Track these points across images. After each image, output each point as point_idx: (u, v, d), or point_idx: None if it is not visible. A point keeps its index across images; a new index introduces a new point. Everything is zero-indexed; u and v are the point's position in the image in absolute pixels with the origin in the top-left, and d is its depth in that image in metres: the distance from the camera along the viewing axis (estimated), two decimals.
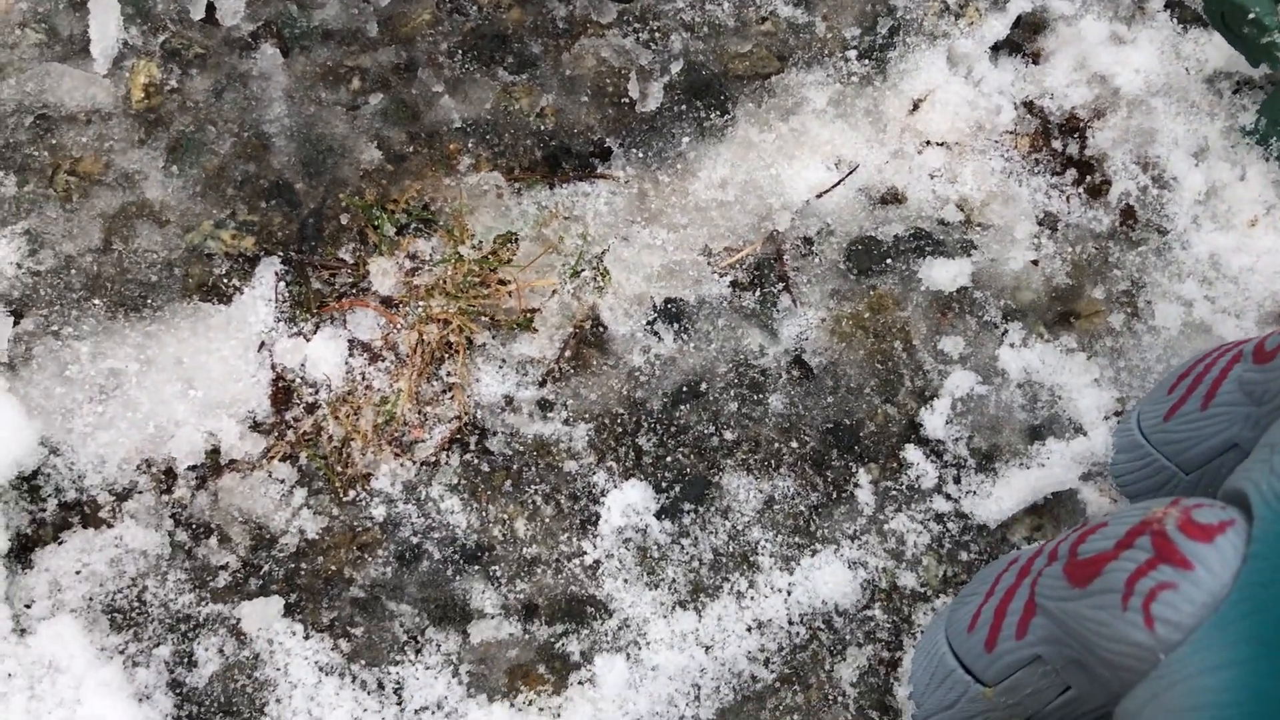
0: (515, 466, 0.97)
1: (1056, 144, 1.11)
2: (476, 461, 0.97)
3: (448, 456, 0.97)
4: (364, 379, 0.98)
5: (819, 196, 1.07)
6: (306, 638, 0.91)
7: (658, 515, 0.96)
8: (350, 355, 0.99)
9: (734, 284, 1.04)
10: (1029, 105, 1.12)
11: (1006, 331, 1.03)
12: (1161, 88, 1.12)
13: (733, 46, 1.11)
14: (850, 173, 1.08)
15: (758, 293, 1.04)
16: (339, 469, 0.96)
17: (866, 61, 1.12)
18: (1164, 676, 0.64)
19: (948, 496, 0.97)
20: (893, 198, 1.08)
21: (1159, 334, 1.03)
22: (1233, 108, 1.12)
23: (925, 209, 1.08)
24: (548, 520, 0.96)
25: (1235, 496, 0.69)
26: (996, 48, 1.14)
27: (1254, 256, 1.06)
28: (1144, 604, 0.65)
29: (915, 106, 1.11)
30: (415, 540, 0.94)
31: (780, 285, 1.04)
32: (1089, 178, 1.09)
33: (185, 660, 0.90)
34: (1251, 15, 0.95)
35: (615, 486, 0.96)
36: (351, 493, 0.95)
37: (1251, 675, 0.58)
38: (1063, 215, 1.08)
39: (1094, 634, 0.69)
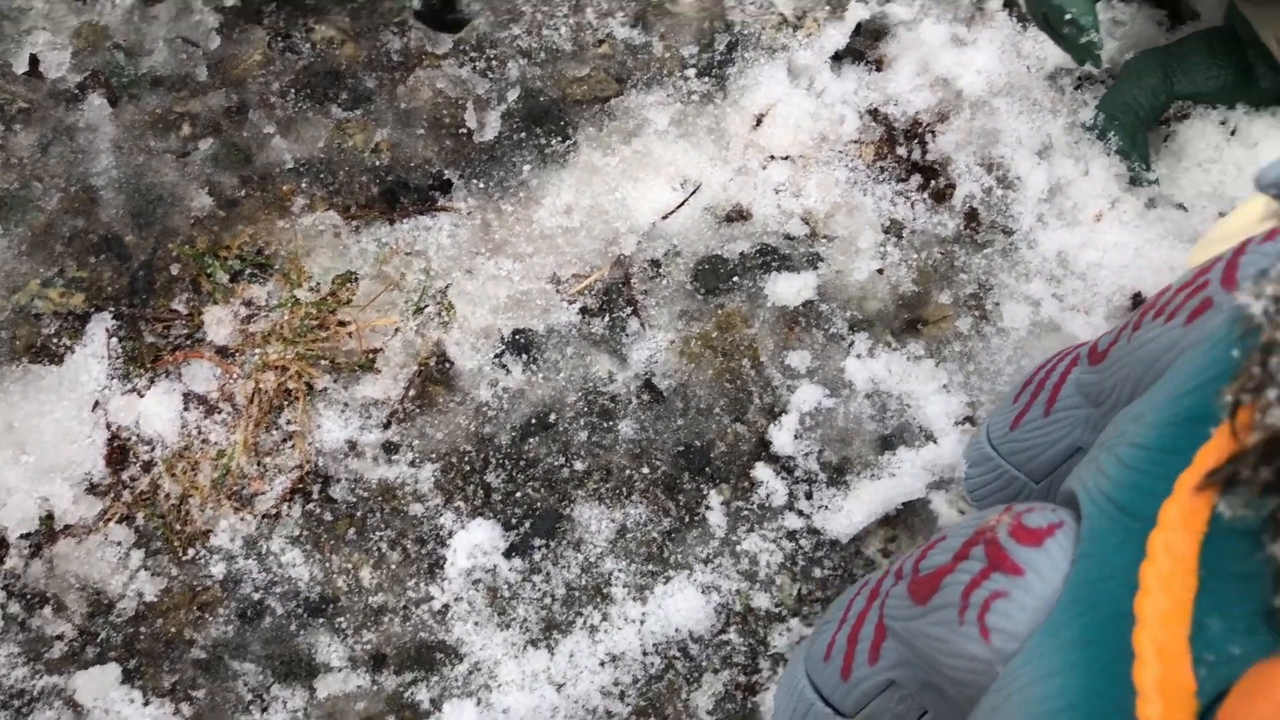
0: (359, 513, 0.95)
1: (901, 150, 1.10)
2: (319, 511, 0.95)
3: (289, 507, 0.95)
4: (200, 433, 0.96)
5: (665, 218, 1.07)
6: (146, 704, 0.89)
7: (507, 554, 0.94)
8: (186, 409, 0.97)
9: (583, 310, 1.03)
10: (873, 113, 1.12)
11: (853, 343, 1.02)
12: (1003, 88, 1.13)
13: (570, 71, 1.10)
14: (694, 192, 1.07)
15: (606, 318, 1.03)
16: (177, 527, 0.94)
17: (706, 79, 1.11)
18: (1002, 689, 0.63)
19: (800, 513, 0.97)
20: (738, 215, 1.07)
21: (1008, 335, 1.03)
22: (1074, 104, 1.12)
23: (771, 224, 1.07)
24: (394, 567, 0.94)
25: (1067, 498, 0.69)
26: (838, 57, 1.14)
27: (1101, 251, 1.07)
28: (979, 615, 0.65)
29: (758, 122, 1.11)
30: (257, 596, 0.92)
31: (629, 309, 1.03)
32: (933, 182, 1.09)
33: None
34: (1069, 16, 0.95)
35: (462, 527, 0.94)
36: (191, 551, 0.93)
37: (1083, 677, 0.57)
38: (908, 222, 1.07)
39: (936, 651, 0.69)
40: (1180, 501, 0.51)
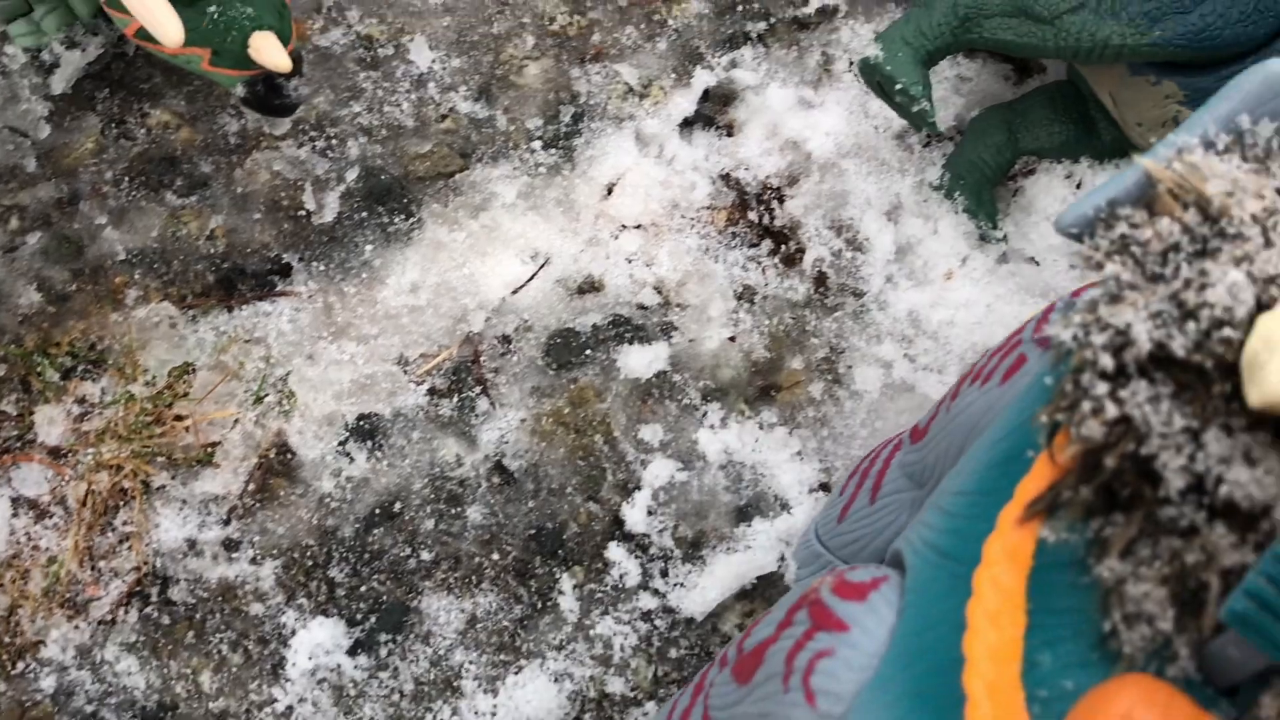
0: (199, 615, 0.92)
1: (753, 215, 1.10)
2: (157, 614, 0.92)
3: (126, 612, 0.92)
4: (30, 539, 0.93)
5: (515, 292, 1.05)
6: None
7: (351, 651, 0.92)
8: (15, 515, 0.93)
9: (431, 391, 1.01)
10: (725, 178, 1.12)
11: (706, 413, 1.01)
12: (852, 149, 1.13)
13: (413, 147, 1.08)
14: (544, 265, 1.06)
15: (455, 399, 1.01)
16: (6, 639, 0.90)
17: (553, 151, 1.10)
18: None
19: (655, 592, 0.95)
20: (590, 286, 1.06)
21: (861, 398, 1.03)
22: (923, 163, 1.12)
23: (623, 294, 1.06)
24: (235, 669, 0.91)
25: (893, 558, 0.68)
26: (687, 124, 1.13)
27: (952, 310, 1.07)
28: (803, 680, 0.63)
29: (608, 191, 1.10)
30: (91, 709, 0.89)
31: (478, 389, 1.02)
32: (784, 247, 1.09)
33: None
34: (899, 85, 0.96)
35: (304, 626, 0.92)
36: (20, 664, 0.90)
37: None
38: (760, 288, 1.07)
39: None
40: (1004, 536, 0.50)
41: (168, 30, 0.84)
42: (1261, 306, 0.44)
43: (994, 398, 0.65)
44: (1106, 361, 0.45)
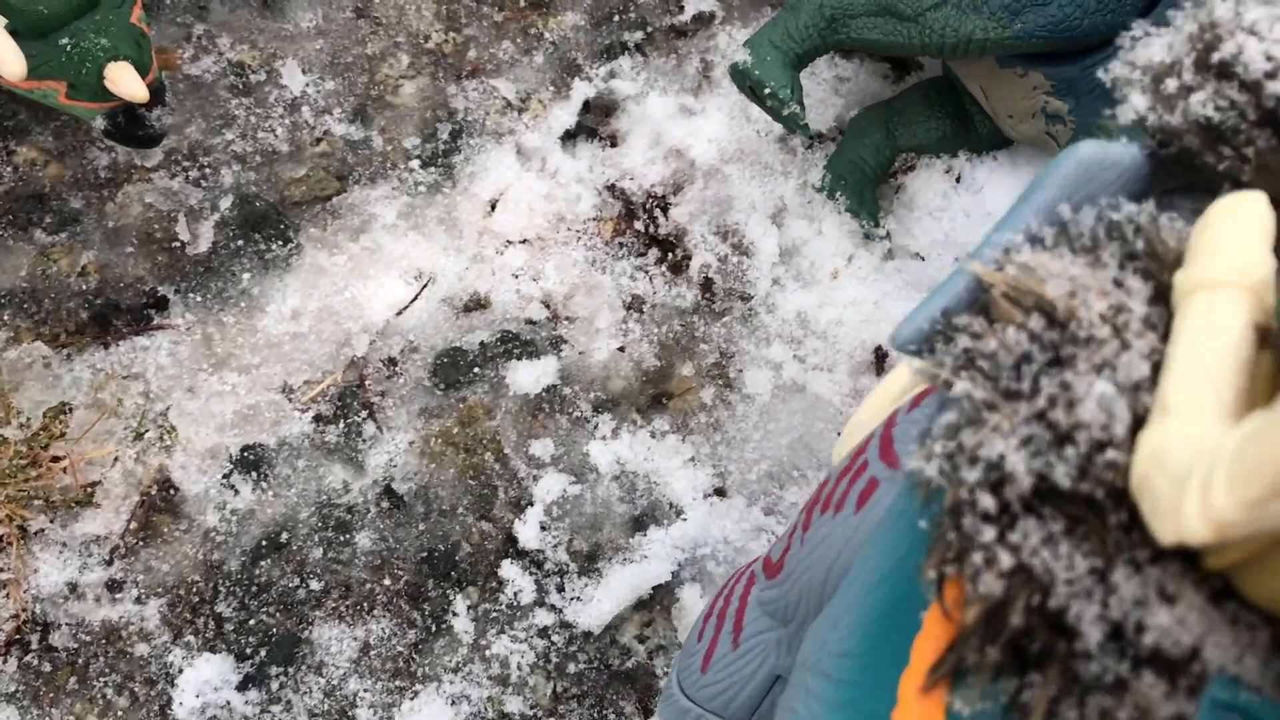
0: (82, 660, 0.90)
1: (639, 224, 1.10)
2: (38, 662, 0.89)
3: (4, 662, 0.89)
4: None
5: (399, 314, 1.04)
6: None
7: (241, 686, 0.90)
8: None
9: (317, 418, 1.00)
10: (610, 189, 1.11)
11: (598, 424, 1.01)
12: (735, 154, 1.13)
13: (288, 172, 1.07)
14: (427, 284, 1.05)
15: (341, 424, 1.00)
16: None
17: (433, 169, 1.09)
18: None
19: (551, 607, 0.94)
20: (476, 304, 1.05)
21: (753, 401, 1.03)
22: (806, 164, 1.13)
23: (510, 310, 1.05)
24: (121, 713, 0.89)
25: None
26: (569, 136, 1.13)
27: (839, 309, 1.07)
28: None
29: (491, 208, 1.09)
30: None
31: (364, 413, 1.00)
32: (670, 254, 1.08)
33: None
34: (768, 89, 0.96)
35: (190, 664, 0.90)
36: None
37: None
38: (648, 296, 1.07)
39: None
40: (908, 709, 0.46)
41: (8, 64, 0.82)
42: (1138, 419, 0.41)
43: (852, 527, 0.62)
44: (987, 502, 0.42)
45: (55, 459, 0.95)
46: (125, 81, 0.89)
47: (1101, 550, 0.40)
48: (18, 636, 0.90)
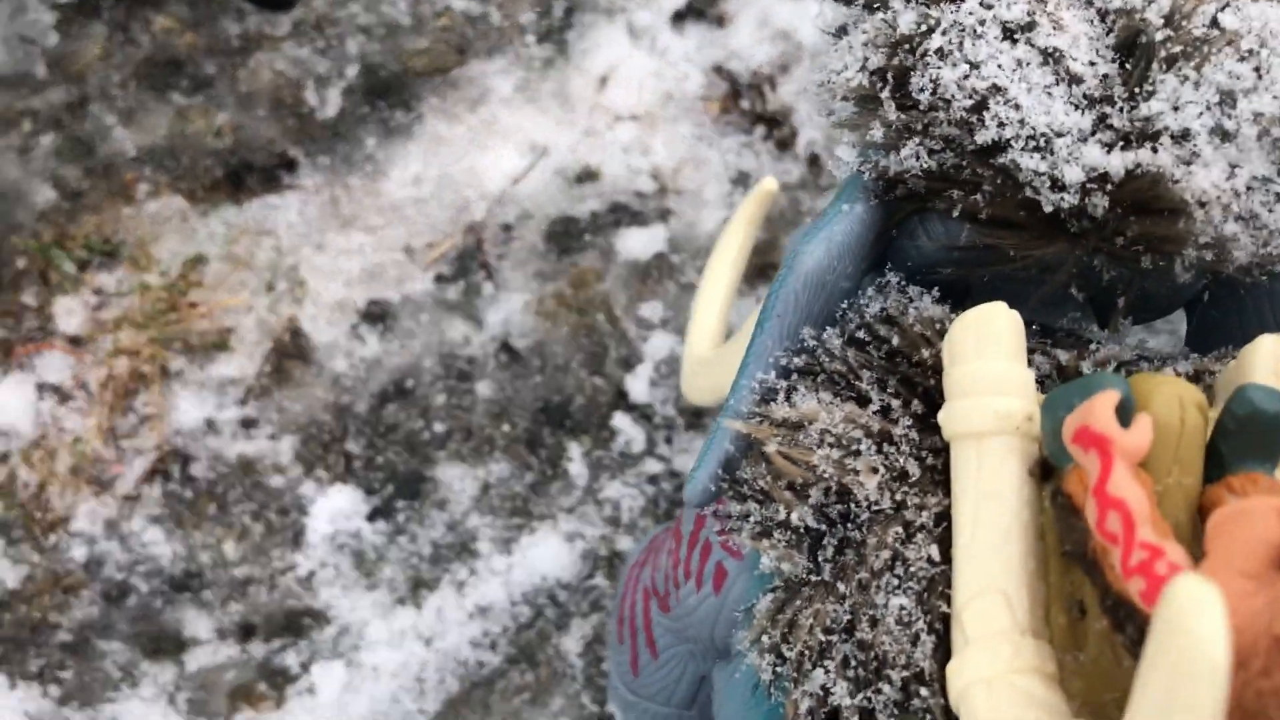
0: (220, 489, 0.96)
1: (745, 104, 1.13)
2: (180, 489, 0.95)
3: (149, 488, 0.95)
4: (56, 421, 0.96)
5: (515, 183, 1.08)
6: (13, 688, 0.88)
7: (370, 517, 0.95)
8: (40, 399, 0.97)
9: (437, 278, 1.04)
10: (717, 69, 1.14)
11: None
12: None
13: (410, 44, 1.11)
14: (542, 155, 1.09)
15: (461, 284, 1.04)
16: (37, 515, 0.94)
17: (547, 44, 1.13)
18: None
19: (659, 458, 0.99)
20: (587, 175, 1.09)
21: None
22: None
23: (620, 182, 1.09)
24: (258, 538, 0.94)
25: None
26: (679, 16, 1.16)
27: None
28: None
29: (602, 83, 1.13)
30: (121, 576, 0.92)
31: (483, 274, 1.05)
32: (776, 132, 1.12)
33: None
34: None
35: (323, 494, 0.95)
36: (52, 537, 0.93)
37: None
38: (754, 172, 1.10)
39: None
40: None
41: None
42: (939, 636, 0.40)
43: (715, 607, 0.62)
44: None
45: (192, 305, 1.00)
46: None
47: None
48: (160, 466, 0.96)
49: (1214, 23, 0.43)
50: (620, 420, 0.99)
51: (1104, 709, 0.37)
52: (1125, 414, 0.36)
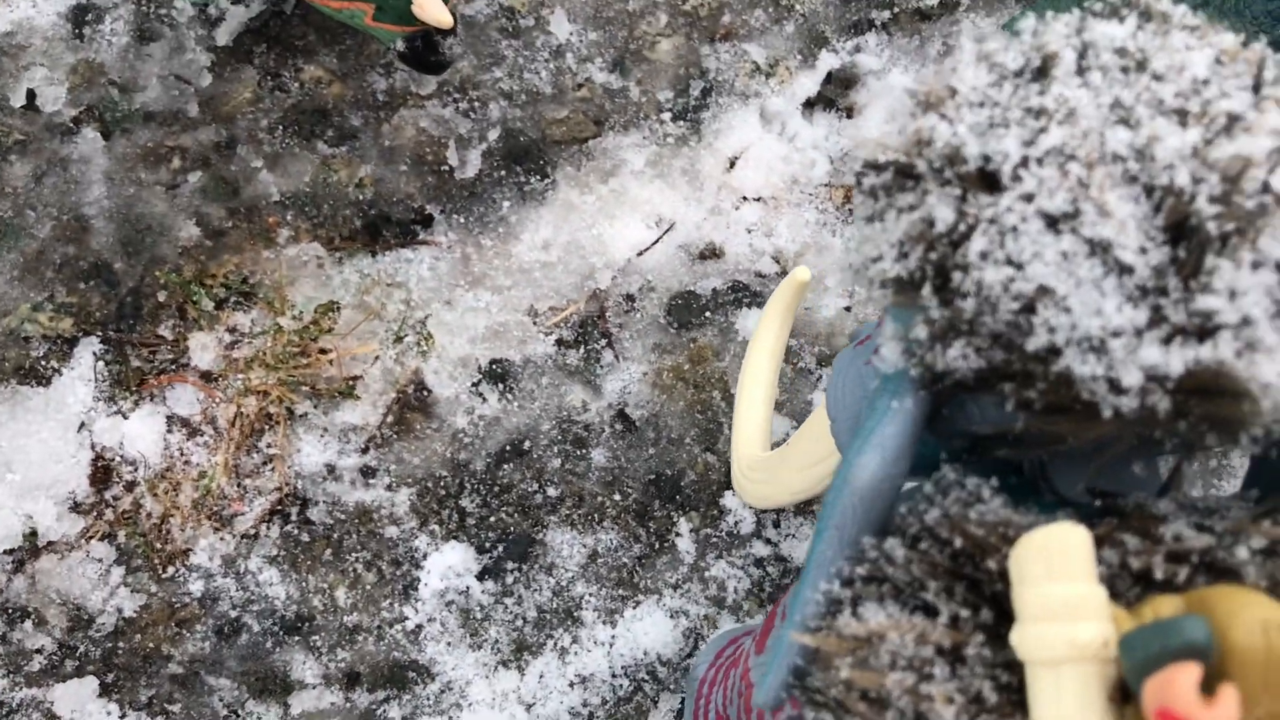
0: (336, 535, 0.97)
1: None
2: (297, 532, 0.97)
3: (268, 528, 0.97)
4: (183, 454, 0.99)
5: (640, 254, 1.10)
6: (123, 716, 0.90)
7: (480, 576, 0.96)
8: (169, 431, 0.99)
9: (559, 342, 1.06)
10: (843, 158, 1.16)
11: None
12: None
13: (550, 113, 1.14)
14: (668, 230, 1.11)
15: (581, 350, 1.06)
16: (158, 546, 0.96)
17: (681, 122, 1.15)
18: None
19: (767, 541, 0.99)
20: (711, 253, 1.11)
21: None
22: None
23: (743, 262, 1.11)
24: (369, 587, 0.96)
25: None
26: (809, 104, 1.18)
27: None
28: None
29: (731, 164, 1.15)
30: (234, 614, 0.94)
31: (603, 342, 1.06)
32: None
33: None
34: None
35: (436, 550, 0.97)
36: (170, 569, 0.95)
37: None
38: None
39: None
40: None
41: None
42: None
43: None
44: None
45: (323, 351, 1.02)
46: (433, 7, 0.96)
47: None
48: (279, 507, 0.98)
49: (1265, 188, 0.40)
50: (730, 500, 1.00)
51: None
52: (1205, 657, 0.36)
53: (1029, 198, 0.41)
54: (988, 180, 0.42)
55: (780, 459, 0.74)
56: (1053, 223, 0.40)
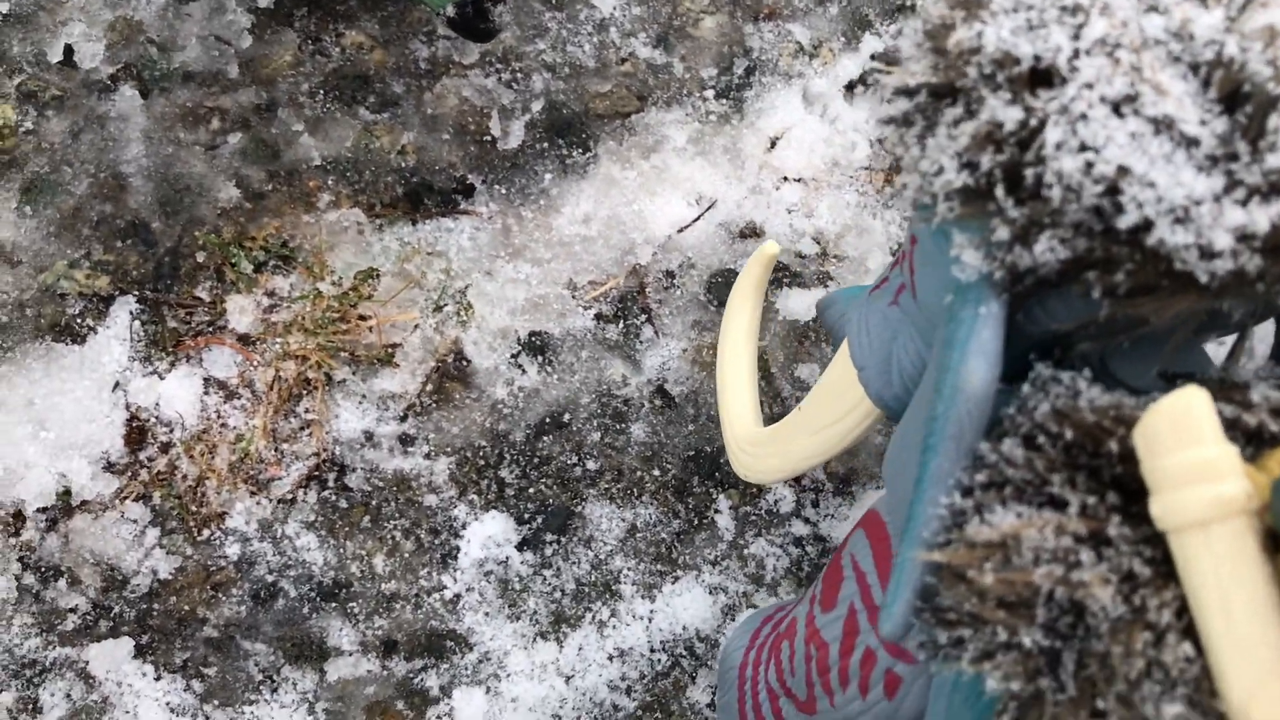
0: (374, 502, 0.96)
1: None
2: (335, 498, 0.96)
3: (305, 494, 0.96)
4: (219, 417, 0.97)
5: (680, 231, 1.09)
6: (158, 679, 0.89)
7: (519, 547, 0.96)
8: (206, 393, 0.98)
9: (598, 316, 1.05)
10: (883, 141, 1.16)
11: None
12: None
13: (593, 86, 1.13)
14: (710, 208, 1.10)
15: (621, 325, 1.05)
16: (193, 508, 0.95)
17: (724, 101, 1.15)
18: None
19: (806, 520, 0.99)
20: (751, 231, 1.10)
21: None
22: None
23: (783, 242, 1.10)
24: (407, 555, 0.95)
25: None
26: (851, 86, 1.17)
27: None
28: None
29: (772, 144, 1.14)
30: (271, 578, 0.93)
31: (643, 317, 1.06)
32: None
33: (30, 707, 0.87)
34: None
35: (476, 519, 0.96)
36: (206, 532, 0.94)
37: None
38: None
39: None
40: None
41: None
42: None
43: (888, 712, 0.61)
44: None
45: (362, 318, 1.01)
46: None
47: None
48: (317, 473, 0.97)
49: None
50: None
51: None
52: None
53: (1090, 85, 0.42)
54: (1040, 78, 0.43)
55: (793, 426, 0.73)
56: (1116, 107, 0.42)
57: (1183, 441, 0.40)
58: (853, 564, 0.65)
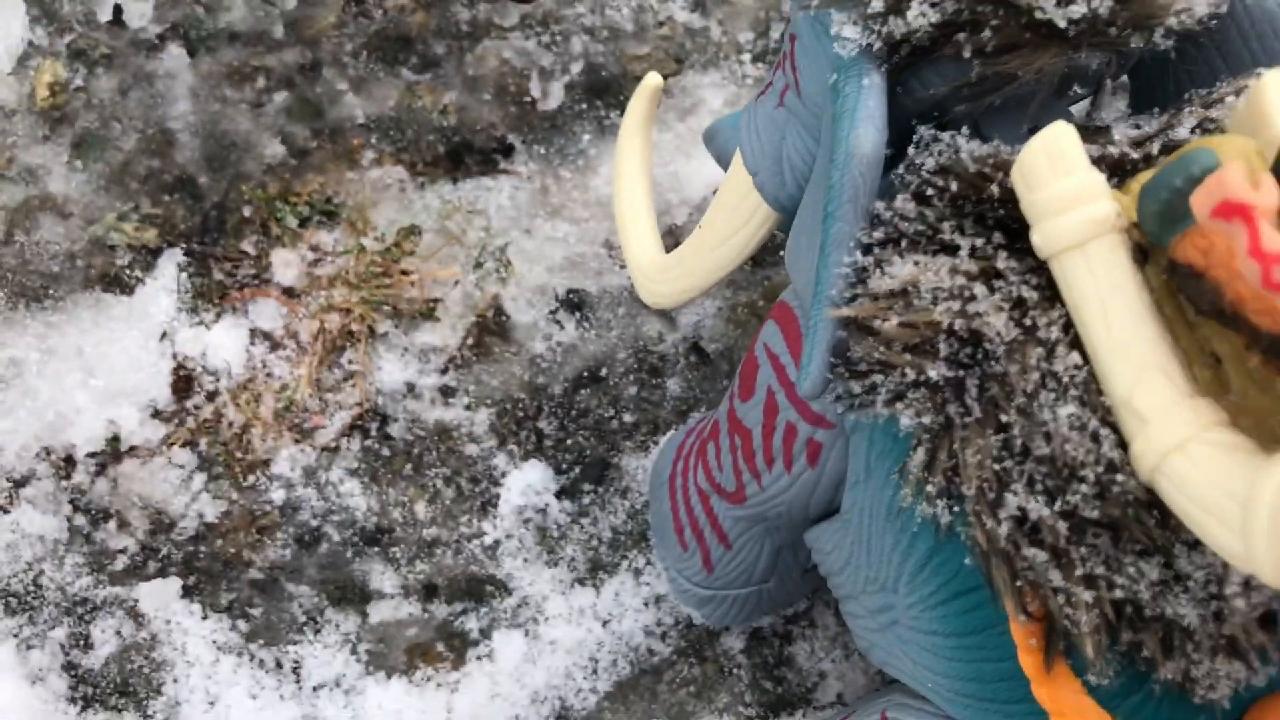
0: (416, 451, 0.98)
1: None
2: (377, 446, 0.98)
3: (348, 442, 0.98)
4: (265, 367, 0.99)
5: (714, 193, 1.11)
6: (204, 618, 0.91)
7: (558, 495, 0.97)
8: (251, 344, 1.00)
9: None
10: None
11: None
12: None
13: (631, 49, 1.15)
14: None
15: None
16: (239, 455, 0.97)
17: (761, 64, 1.16)
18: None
19: None
20: None
21: None
22: None
23: None
24: (448, 502, 0.97)
25: None
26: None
27: None
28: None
29: None
30: (315, 523, 0.95)
31: None
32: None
33: (81, 642, 0.90)
34: None
35: (516, 468, 0.98)
36: (251, 478, 0.96)
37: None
38: None
39: None
40: (1050, 693, 0.49)
41: None
42: (1109, 425, 0.43)
43: (812, 479, 0.65)
44: (1039, 555, 0.44)
45: (404, 273, 1.03)
46: None
47: (1157, 546, 0.43)
48: (360, 422, 0.99)
49: None
50: None
51: (1271, 434, 0.40)
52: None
53: None
54: None
55: (697, 245, 0.79)
56: None
57: (1056, 172, 0.43)
58: (766, 351, 0.68)
